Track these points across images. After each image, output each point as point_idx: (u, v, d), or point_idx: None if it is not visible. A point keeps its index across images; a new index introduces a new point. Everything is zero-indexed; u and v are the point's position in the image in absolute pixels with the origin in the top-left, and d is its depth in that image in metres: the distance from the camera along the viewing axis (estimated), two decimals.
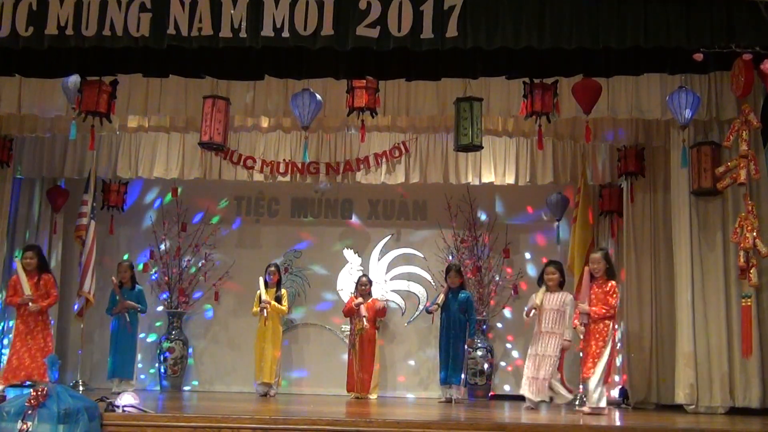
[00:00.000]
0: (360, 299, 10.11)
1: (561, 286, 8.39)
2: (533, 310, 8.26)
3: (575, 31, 7.03)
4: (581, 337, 7.73)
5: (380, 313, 10.32)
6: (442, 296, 9.62)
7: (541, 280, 8.48)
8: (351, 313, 10.12)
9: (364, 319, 9.97)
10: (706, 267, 8.38)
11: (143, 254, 11.21)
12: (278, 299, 9.97)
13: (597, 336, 7.79)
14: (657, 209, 9.56)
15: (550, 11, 7.05)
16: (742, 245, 7.57)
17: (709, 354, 8.19)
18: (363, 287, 10.25)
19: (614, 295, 7.92)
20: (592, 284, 8.00)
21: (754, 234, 7.48)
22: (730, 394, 8.06)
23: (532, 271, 10.97)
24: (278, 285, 10.14)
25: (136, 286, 10.00)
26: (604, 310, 7.82)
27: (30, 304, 8.64)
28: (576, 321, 7.93)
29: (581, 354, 8.02)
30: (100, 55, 7.69)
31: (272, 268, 10.13)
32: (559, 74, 7.93)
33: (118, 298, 9.71)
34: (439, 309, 9.61)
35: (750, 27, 6.77)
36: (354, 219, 11.42)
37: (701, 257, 8.40)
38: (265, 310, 9.83)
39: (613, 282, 8.01)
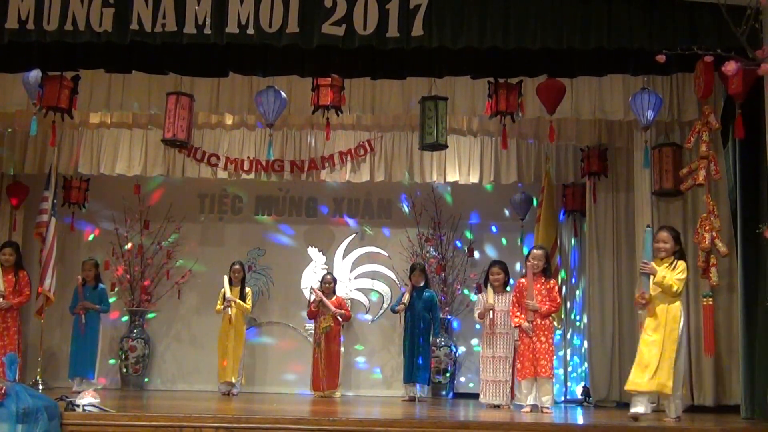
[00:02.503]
0: (314, 296, 10.08)
1: (506, 286, 8.42)
2: (489, 312, 8.28)
3: (540, 31, 7.05)
4: (530, 333, 7.72)
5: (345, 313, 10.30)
6: (407, 295, 9.59)
7: (486, 281, 8.51)
8: (314, 315, 10.09)
9: (329, 316, 9.95)
10: None
11: (105, 252, 11.04)
12: (242, 298, 9.93)
13: (546, 332, 7.76)
14: (619, 209, 9.64)
15: (515, 12, 7.06)
16: (701, 246, 7.66)
17: None
18: (327, 285, 10.20)
19: (559, 292, 8.05)
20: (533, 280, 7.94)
21: (713, 234, 7.56)
22: (690, 392, 8.15)
23: None
24: (243, 283, 10.09)
25: (100, 284, 9.90)
26: (554, 307, 7.86)
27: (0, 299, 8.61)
28: (521, 319, 7.81)
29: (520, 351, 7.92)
30: (61, 49, 7.57)
31: (237, 266, 10.07)
32: (524, 74, 7.97)
33: (79, 296, 9.62)
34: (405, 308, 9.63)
35: (712, 29, 6.83)
36: (318, 216, 11.40)
37: None
38: (229, 309, 9.77)
39: (554, 280, 8.08)
